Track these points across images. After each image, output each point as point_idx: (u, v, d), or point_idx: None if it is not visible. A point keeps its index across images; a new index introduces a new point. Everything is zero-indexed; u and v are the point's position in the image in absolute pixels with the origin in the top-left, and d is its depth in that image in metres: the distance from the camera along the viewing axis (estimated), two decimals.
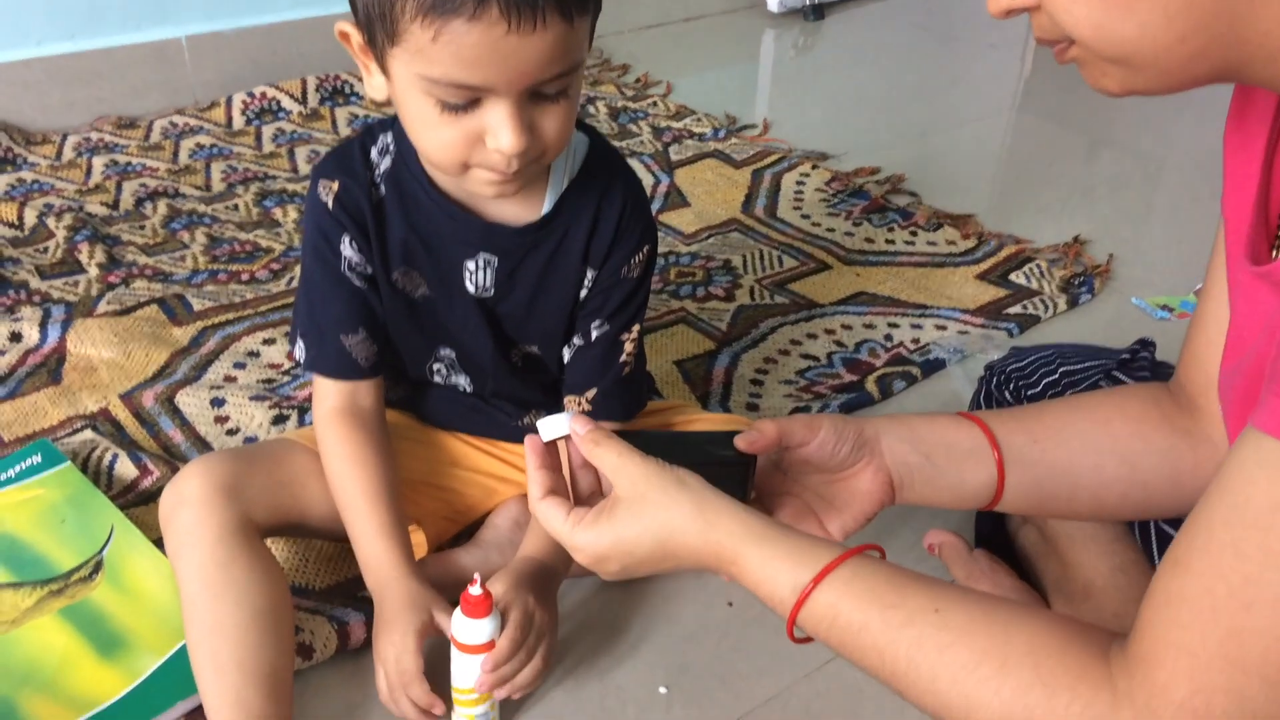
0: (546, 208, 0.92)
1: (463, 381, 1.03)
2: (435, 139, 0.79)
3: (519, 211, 0.92)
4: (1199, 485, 0.81)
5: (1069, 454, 0.84)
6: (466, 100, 0.76)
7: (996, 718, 0.59)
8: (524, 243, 0.93)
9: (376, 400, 0.98)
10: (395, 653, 0.88)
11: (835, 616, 0.66)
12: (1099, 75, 0.61)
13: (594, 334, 0.97)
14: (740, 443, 0.79)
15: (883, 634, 0.64)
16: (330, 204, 0.91)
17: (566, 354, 1.00)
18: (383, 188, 0.92)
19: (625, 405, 1.01)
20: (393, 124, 0.92)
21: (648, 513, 0.72)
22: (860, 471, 0.84)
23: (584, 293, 0.96)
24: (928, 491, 0.85)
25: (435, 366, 1.02)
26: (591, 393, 0.99)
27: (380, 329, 0.97)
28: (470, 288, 0.95)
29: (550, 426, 0.78)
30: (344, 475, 0.94)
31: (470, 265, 0.93)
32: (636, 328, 0.99)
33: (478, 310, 0.96)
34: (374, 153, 0.93)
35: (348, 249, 0.92)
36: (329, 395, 0.97)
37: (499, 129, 0.76)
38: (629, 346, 0.98)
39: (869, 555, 0.69)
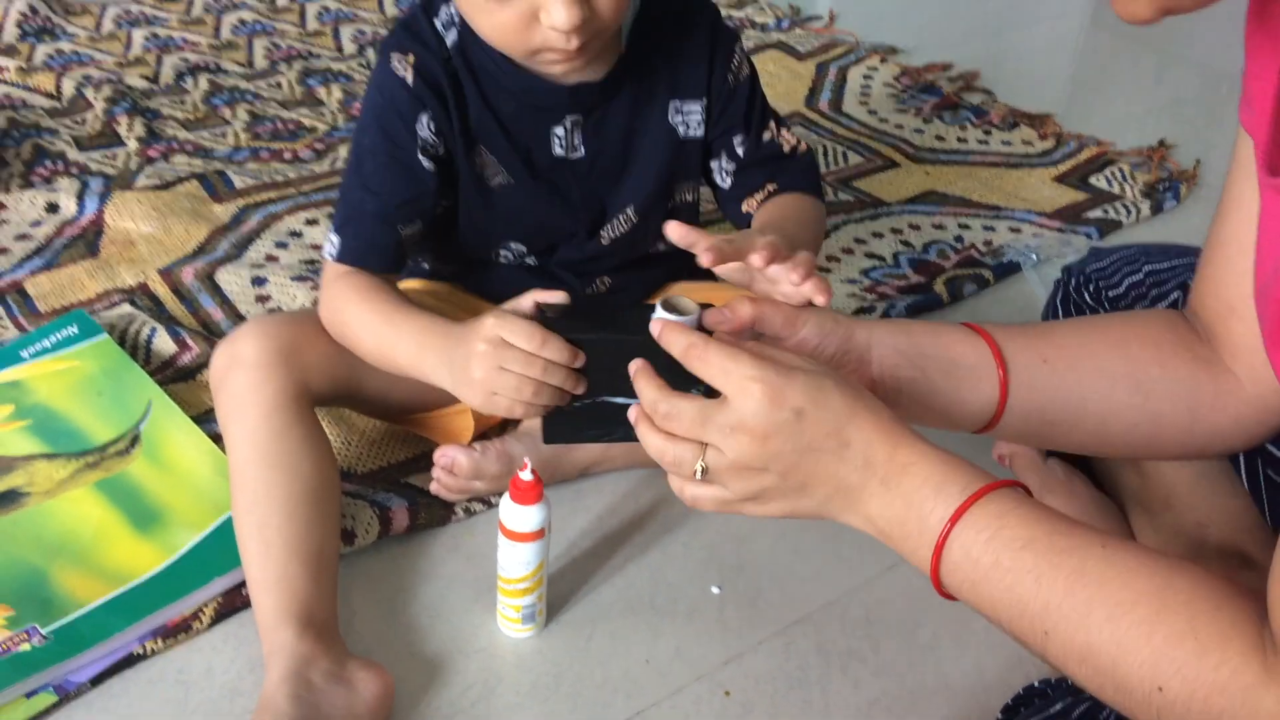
0: (619, 53, 0.88)
1: (530, 259, 0.97)
2: (491, 24, 0.77)
3: (595, 66, 0.87)
4: (1216, 421, 0.77)
5: (1079, 377, 0.77)
6: None
7: (1145, 665, 0.55)
8: (606, 95, 0.89)
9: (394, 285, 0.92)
10: (492, 322, 0.75)
11: (1000, 528, 0.60)
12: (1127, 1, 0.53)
13: (740, 149, 0.94)
14: (708, 319, 0.70)
15: (1046, 555, 0.59)
16: (410, 79, 0.85)
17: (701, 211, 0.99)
18: (455, 61, 0.86)
19: (811, 180, 0.96)
20: None
21: (848, 388, 0.65)
22: None
23: (694, 131, 0.93)
24: (916, 409, 0.76)
25: (501, 251, 0.96)
26: (771, 186, 0.94)
27: (434, 222, 0.91)
28: (560, 151, 0.90)
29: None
30: (369, 302, 0.86)
31: (559, 130, 0.90)
32: (772, 123, 0.95)
33: (568, 178, 0.92)
34: (439, 25, 0.87)
35: (424, 129, 0.86)
36: (347, 268, 0.89)
37: (551, 5, 0.73)
38: (787, 135, 0.96)
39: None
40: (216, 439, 0.99)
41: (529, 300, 0.76)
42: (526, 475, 0.81)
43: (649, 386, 0.67)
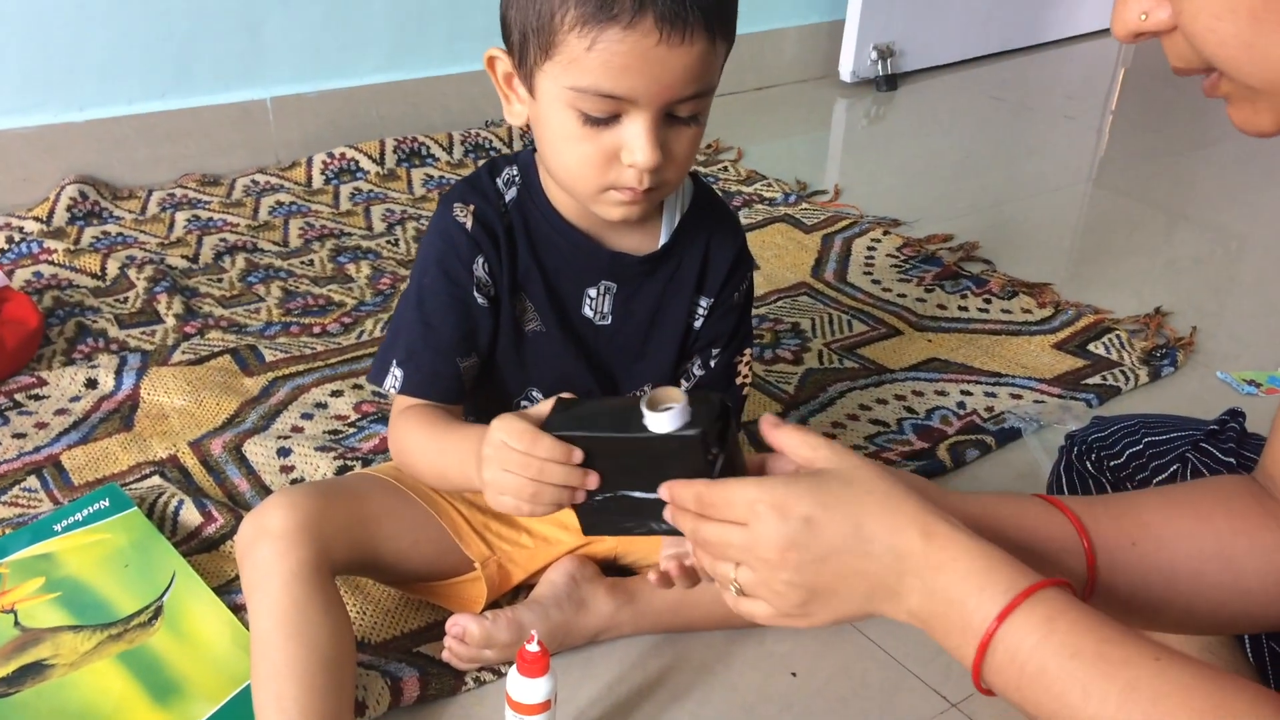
0: (664, 239, 0.97)
1: None
2: (575, 154, 0.84)
3: (638, 243, 0.96)
4: None
5: (1170, 558, 0.74)
6: (608, 113, 0.81)
7: None
8: (642, 271, 0.97)
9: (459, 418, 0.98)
10: (496, 425, 0.77)
11: (1048, 634, 0.58)
12: (1251, 112, 0.54)
13: (712, 362, 1.03)
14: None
15: (1097, 666, 0.57)
16: (469, 225, 0.93)
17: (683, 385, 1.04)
18: (511, 215, 0.95)
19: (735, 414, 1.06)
20: (516, 158, 0.97)
21: (857, 481, 0.64)
22: None
23: (698, 323, 1.01)
24: None
25: (522, 401, 1.01)
26: None
27: (487, 357, 0.97)
28: (589, 313, 0.98)
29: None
30: (425, 429, 0.92)
31: (591, 292, 0.97)
32: (749, 352, 1.05)
33: (593, 339, 0.98)
34: (499, 183, 0.96)
35: (480, 269, 0.94)
36: (412, 401, 0.95)
37: (635, 143, 0.82)
38: (744, 369, 1.04)
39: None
40: (237, 610, 1.03)
41: (548, 405, 0.79)
42: (533, 647, 0.83)
43: (685, 519, 0.69)
